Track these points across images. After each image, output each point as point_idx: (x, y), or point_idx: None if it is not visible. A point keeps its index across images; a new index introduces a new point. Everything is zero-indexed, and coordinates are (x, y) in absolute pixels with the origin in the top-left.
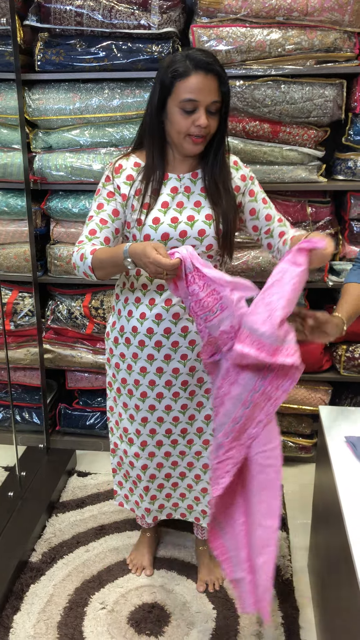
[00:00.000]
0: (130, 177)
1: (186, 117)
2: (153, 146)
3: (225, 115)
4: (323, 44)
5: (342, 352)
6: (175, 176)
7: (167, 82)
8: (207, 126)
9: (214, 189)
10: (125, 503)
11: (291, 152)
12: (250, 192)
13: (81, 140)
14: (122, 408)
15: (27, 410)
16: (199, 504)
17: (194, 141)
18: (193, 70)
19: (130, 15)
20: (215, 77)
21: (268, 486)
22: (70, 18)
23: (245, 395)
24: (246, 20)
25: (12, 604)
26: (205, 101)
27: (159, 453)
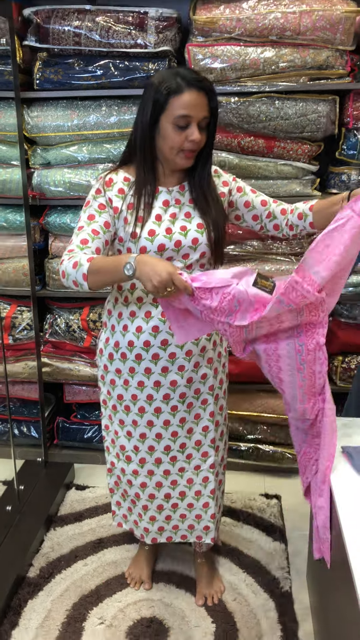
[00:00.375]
0: (122, 190)
1: (179, 133)
2: (144, 162)
3: (213, 130)
4: (315, 62)
5: (338, 363)
6: (165, 189)
7: (161, 99)
8: (200, 141)
9: (202, 199)
10: (124, 523)
11: (286, 167)
12: (238, 189)
13: (79, 157)
14: (118, 425)
15: (25, 424)
16: (201, 521)
17: (187, 156)
18: (186, 87)
19: (127, 35)
20: (206, 93)
21: (332, 433)
22: (68, 38)
23: (295, 362)
24: (240, 39)
25: (10, 620)
26: (197, 117)
27: (157, 471)
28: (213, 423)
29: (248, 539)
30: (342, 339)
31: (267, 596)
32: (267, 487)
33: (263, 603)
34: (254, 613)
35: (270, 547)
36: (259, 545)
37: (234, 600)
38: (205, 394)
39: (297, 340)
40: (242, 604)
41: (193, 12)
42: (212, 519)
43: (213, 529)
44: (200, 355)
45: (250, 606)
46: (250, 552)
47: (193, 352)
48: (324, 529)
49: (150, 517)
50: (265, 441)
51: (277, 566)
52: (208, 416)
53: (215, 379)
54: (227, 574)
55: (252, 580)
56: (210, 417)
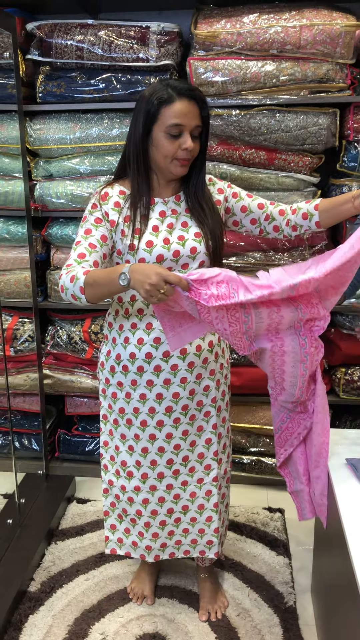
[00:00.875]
0: (118, 204)
1: (172, 142)
2: (138, 174)
3: (205, 139)
4: (316, 75)
5: (341, 374)
6: (161, 200)
7: (153, 109)
8: (193, 149)
9: (198, 208)
10: (118, 549)
11: (287, 179)
12: (233, 195)
13: (81, 169)
14: (119, 440)
15: (27, 437)
16: (204, 535)
17: (181, 164)
18: (177, 97)
19: (129, 49)
20: (197, 102)
21: (325, 409)
22: (71, 52)
23: (300, 355)
24: (241, 53)
25: (11, 636)
26: (189, 125)
27: (160, 486)
28: (216, 435)
29: (252, 553)
30: (345, 350)
31: (271, 611)
32: (270, 501)
33: (267, 618)
34: (258, 628)
35: (274, 562)
36: (263, 559)
37: (238, 616)
38: (207, 406)
39: (300, 335)
40: (246, 619)
41: (194, 26)
42: (215, 533)
43: (217, 544)
44: (202, 367)
45: (254, 621)
46: (253, 566)
47: (195, 363)
48: (321, 496)
49: (152, 534)
50: (267, 454)
51: (281, 581)
52: (211, 428)
53: (217, 391)
54: (231, 589)
55: (255, 595)
56: (213, 429)
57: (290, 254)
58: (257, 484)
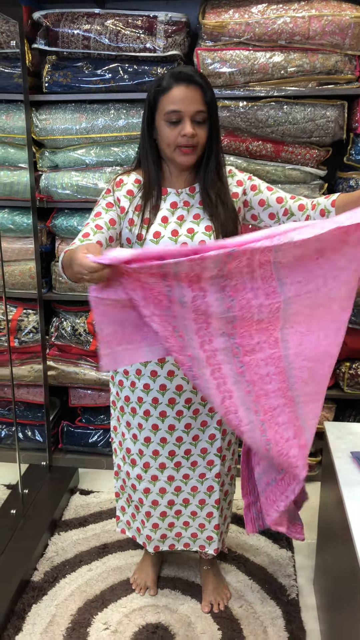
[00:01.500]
0: (131, 192)
1: (172, 129)
2: (148, 163)
3: (215, 126)
4: (324, 67)
5: (346, 369)
6: (174, 191)
7: (152, 98)
8: (194, 135)
9: (210, 201)
10: (127, 530)
11: (294, 172)
12: (252, 187)
13: (87, 160)
14: (125, 427)
15: (30, 428)
16: (204, 530)
17: (184, 152)
18: (175, 84)
19: (136, 39)
20: (198, 87)
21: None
22: (77, 42)
23: (234, 366)
24: (249, 44)
25: (14, 624)
26: (188, 111)
27: (161, 477)
28: (220, 432)
29: (254, 546)
30: (350, 345)
31: (273, 603)
32: None
33: (270, 610)
34: (261, 620)
35: (277, 555)
36: (266, 552)
37: (240, 607)
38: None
39: (233, 340)
40: (249, 611)
41: (202, 16)
42: (215, 530)
43: (216, 540)
44: None
45: (256, 613)
46: (256, 559)
47: None
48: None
49: (153, 525)
50: None
51: (284, 573)
52: (215, 424)
53: None
54: (234, 581)
55: (258, 587)
56: (217, 425)
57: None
58: None
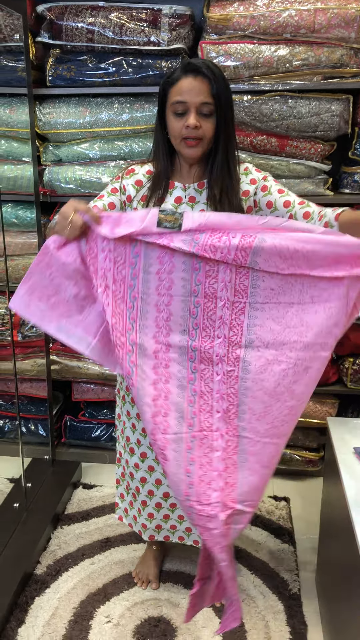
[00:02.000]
0: (139, 182)
1: (178, 120)
2: (160, 155)
3: (224, 120)
4: (330, 60)
5: (349, 364)
6: (181, 186)
7: (162, 90)
8: (198, 127)
9: (216, 198)
10: (125, 517)
11: (298, 166)
12: (263, 188)
13: (90, 154)
14: (125, 416)
15: (33, 422)
16: None
17: (188, 144)
18: (182, 75)
19: (141, 32)
20: (205, 79)
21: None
22: (81, 35)
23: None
24: (254, 37)
25: (17, 617)
26: (193, 102)
27: (157, 468)
28: None
29: (257, 541)
30: (353, 340)
31: (275, 598)
32: (275, 490)
33: (272, 605)
34: (263, 614)
35: (279, 550)
36: (268, 547)
37: (242, 602)
38: None
39: (192, 342)
40: (251, 605)
41: (207, 9)
42: None
43: None
44: None
45: (258, 607)
46: (258, 554)
47: None
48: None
49: (148, 514)
50: None
51: (286, 568)
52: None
53: None
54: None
55: (260, 581)
56: None
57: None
58: None
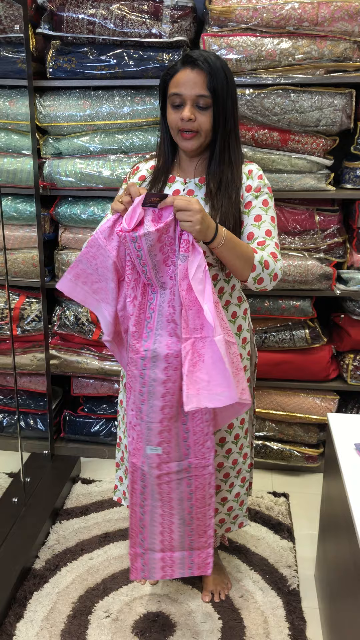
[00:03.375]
0: (143, 177)
1: (175, 112)
2: (164, 147)
3: (223, 113)
4: (333, 54)
5: (350, 361)
6: (181, 180)
7: (162, 83)
8: (192, 120)
9: (213, 193)
10: (123, 499)
11: (300, 161)
12: (247, 204)
13: (91, 147)
14: (126, 403)
15: (32, 417)
16: None
17: (184, 137)
18: (181, 67)
19: (142, 24)
20: (201, 71)
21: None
22: (82, 26)
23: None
24: (257, 30)
25: (15, 611)
26: (189, 95)
27: None
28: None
29: (256, 537)
30: (354, 337)
31: (274, 594)
32: (275, 485)
33: (270, 600)
34: (261, 610)
35: (278, 545)
36: (267, 543)
37: (241, 597)
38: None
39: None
40: (249, 600)
41: (209, 1)
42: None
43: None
44: None
45: (257, 603)
46: (257, 549)
47: None
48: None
49: None
50: (273, 438)
51: (285, 564)
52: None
53: None
54: (234, 571)
55: (259, 577)
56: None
57: (301, 237)
58: (262, 468)
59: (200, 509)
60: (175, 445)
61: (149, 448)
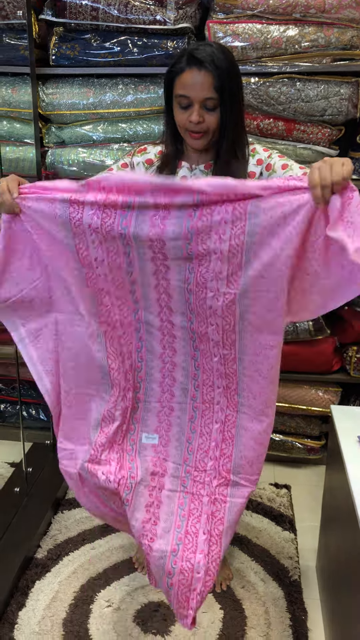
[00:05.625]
0: (150, 160)
1: (183, 112)
2: (168, 136)
3: (231, 110)
4: (340, 42)
5: (353, 353)
6: (187, 166)
7: (168, 79)
8: (201, 123)
9: None
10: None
11: (305, 151)
12: (267, 167)
13: (94, 136)
14: None
15: (34, 407)
16: None
17: (192, 136)
18: (187, 67)
19: (146, 10)
20: (209, 73)
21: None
22: (85, 13)
23: (189, 372)
24: (263, 17)
25: (17, 600)
26: (197, 97)
27: None
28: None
29: (257, 528)
30: (357, 329)
31: (275, 584)
32: (276, 477)
33: (272, 591)
34: (263, 601)
35: (280, 537)
36: (268, 534)
37: (243, 588)
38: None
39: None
40: (251, 591)
41: None
42: None
43: None
44: None
45: (258, 594)
46: (259, 541)
47: None
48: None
49: None
50: (275, 430)
51: (286, 555)
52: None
53: None
54: (236, 562)
55: (260, 568)
56: None
57: None
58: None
59: (182, 581)
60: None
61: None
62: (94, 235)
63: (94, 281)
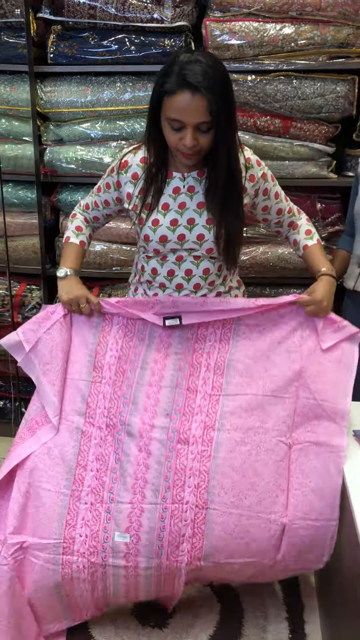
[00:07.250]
0: (136, 175)
1: (174, 134)
2: (154, 146)
3: (226, 129)
4: (336, 40)
5: None
6: (179, 175)
7: (156, 96)
8: (195, 146)
9: (215, 190)
10: None
11: (302, 148)
12: (264, 191)
13: (92, 133)
14: None
15: None
16: None
17: (185, 156)
18: (179, 88)
19: (144, 8)
20: (204, 97)
21: None
22: (83, 11)
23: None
24: (259, 15)
25: None
26: (191, 122)
27: None
28: None
29: None
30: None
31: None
32: None
33: (268, 584)
34: (259, 593)
35: None
36: None
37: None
38: None
39: (172, 424)
40: (248, 584)
41: None
42: None
43: None
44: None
45: (255, 587)
46: None
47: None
48: None
49: None
50: None
51: None
52: None
53: None
54: None
55: None
56: None
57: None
58: None
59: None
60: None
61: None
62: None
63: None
